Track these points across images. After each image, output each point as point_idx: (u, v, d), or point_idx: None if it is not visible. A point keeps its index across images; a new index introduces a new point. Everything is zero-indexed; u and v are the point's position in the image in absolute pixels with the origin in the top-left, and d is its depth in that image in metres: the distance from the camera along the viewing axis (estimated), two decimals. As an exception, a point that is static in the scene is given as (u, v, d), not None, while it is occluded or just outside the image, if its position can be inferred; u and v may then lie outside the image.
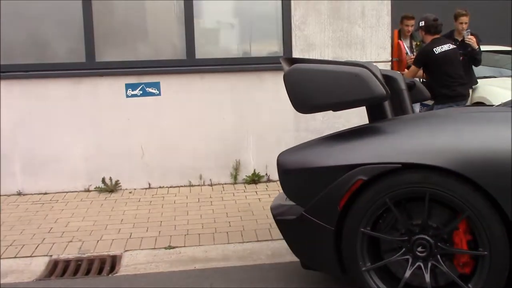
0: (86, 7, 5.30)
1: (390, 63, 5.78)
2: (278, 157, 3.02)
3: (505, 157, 2.45)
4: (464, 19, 6.23)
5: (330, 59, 5.47)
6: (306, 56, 5.52)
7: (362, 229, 2.70)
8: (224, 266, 3.58)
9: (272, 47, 5.74)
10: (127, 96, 5.41)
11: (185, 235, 4.12)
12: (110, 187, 5.36)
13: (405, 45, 6.34)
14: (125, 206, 4.90)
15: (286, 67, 3.03)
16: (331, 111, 3.18)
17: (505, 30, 9.14)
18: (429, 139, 2.64)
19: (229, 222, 4.38)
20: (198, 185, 5.53)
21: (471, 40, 6.03)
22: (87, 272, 3.60)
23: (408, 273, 2.67)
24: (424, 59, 5.49)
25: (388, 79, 3.45)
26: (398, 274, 2.73)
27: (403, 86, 3.54)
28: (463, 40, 6.14)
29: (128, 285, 3.37)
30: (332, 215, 2.74)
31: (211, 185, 5.55)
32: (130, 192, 5.35)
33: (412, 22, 6.27)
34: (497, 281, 2.52)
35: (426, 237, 2.65)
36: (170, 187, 5.50)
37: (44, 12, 5.31)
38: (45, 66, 5.31)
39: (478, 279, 2.55)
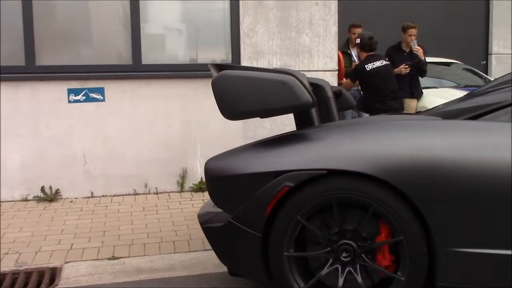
0: (26, 8, 5.11)
1: (337, 72, 5.87)
2: (205, 163, 3.01)
3: (423, 162, 2.56)
4: (413, 31, 6.42)
5: (278, 67, 5.50)
6: (255, 64, 5.54)
7: (286, 253, 2.74)
8: (170, 276, 3.50)
9: (220, 54, 5.71)
10: (69, 101, 5.24)
11: (129, 245, 4.00)
12: (49, 196, 5.15)
13: (352, 53, 6.46)
14: (65, 216, 4.71)
15: (214, 73, 3.01)
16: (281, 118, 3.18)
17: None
18: (353, 146, 2.71)
19: (176, 231, 4.30)
20: (143, 194, 5.40)
21: (419, 50, 6.21)
22: (24, 286, 3.42)
23: (341, 281, 2.71)
24: (357, 75, 5.84)
25: (315, 87, 3.54)
26: (334, 286, 2.75)
27: (330, 94, 3.64)
28: (410, 51, 6.31)
29: (68, 298, 3.23)
30: (259, 221, 2.75)
31: (156, 193, 5.43)
32: (71, 201, 5.16)
33: (359, 30, 6.39)
34: (419, 267, 2.62)
35: (347, 241, 2.72)
36: (114, 195, 5.34)
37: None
38: (-19, 68, 5.08)
39: (403, 266, 2.64)
